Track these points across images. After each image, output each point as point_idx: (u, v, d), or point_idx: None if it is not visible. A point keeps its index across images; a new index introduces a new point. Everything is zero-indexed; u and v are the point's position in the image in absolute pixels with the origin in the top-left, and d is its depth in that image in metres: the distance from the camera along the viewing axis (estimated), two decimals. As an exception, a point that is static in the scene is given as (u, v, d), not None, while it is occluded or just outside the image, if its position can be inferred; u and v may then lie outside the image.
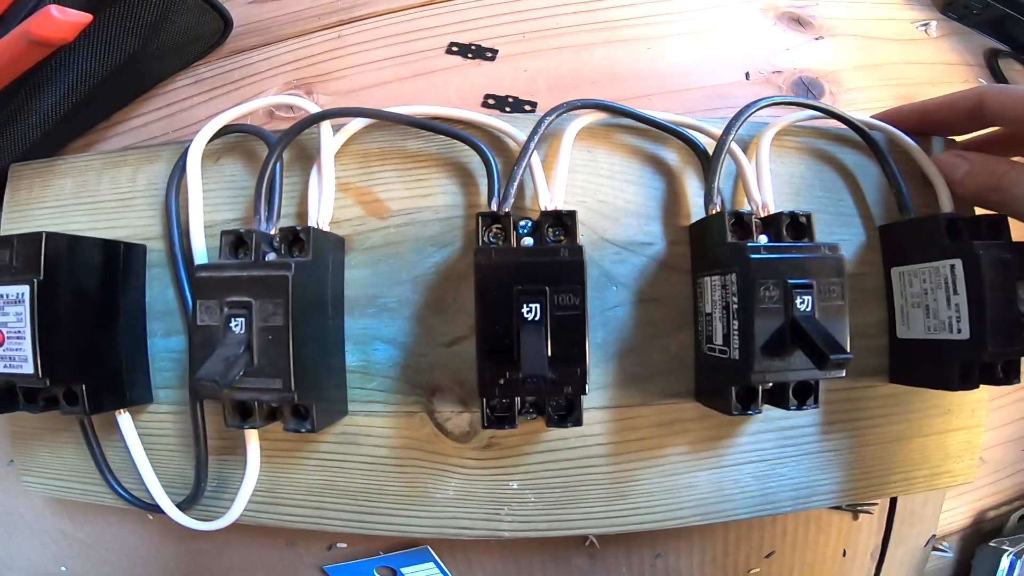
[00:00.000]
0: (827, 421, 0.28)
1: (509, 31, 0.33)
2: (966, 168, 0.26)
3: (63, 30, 0.22)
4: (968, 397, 0.29)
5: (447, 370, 0.25)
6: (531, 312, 0.20)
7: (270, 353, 0.20)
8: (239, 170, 0.27)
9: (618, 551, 0.32)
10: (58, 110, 0.29)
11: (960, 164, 0.26)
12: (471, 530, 0.27)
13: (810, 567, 0.34)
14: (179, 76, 0.33)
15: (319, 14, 0.34)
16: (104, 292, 0.25)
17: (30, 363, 0.23)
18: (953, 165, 0.27)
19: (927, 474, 0.29)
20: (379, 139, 0.27)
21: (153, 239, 0.27)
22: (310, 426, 0.23)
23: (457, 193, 0.26)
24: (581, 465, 0.26)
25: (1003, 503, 0.38)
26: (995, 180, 0.25)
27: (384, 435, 0.26)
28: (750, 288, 0.21)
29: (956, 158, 0.27)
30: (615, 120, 0.27)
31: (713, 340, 0.23)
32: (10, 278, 0.23)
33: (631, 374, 0.26)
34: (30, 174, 0.29)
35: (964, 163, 0.26)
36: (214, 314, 0.21)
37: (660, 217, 0.26)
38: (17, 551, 0.35)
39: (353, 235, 0.26)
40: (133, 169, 0.28)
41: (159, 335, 0.27)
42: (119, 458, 0.28)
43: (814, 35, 0.35)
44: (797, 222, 0.23)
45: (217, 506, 0.28)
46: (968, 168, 0.26)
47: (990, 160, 0.26)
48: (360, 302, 0.26)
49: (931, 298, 0.25)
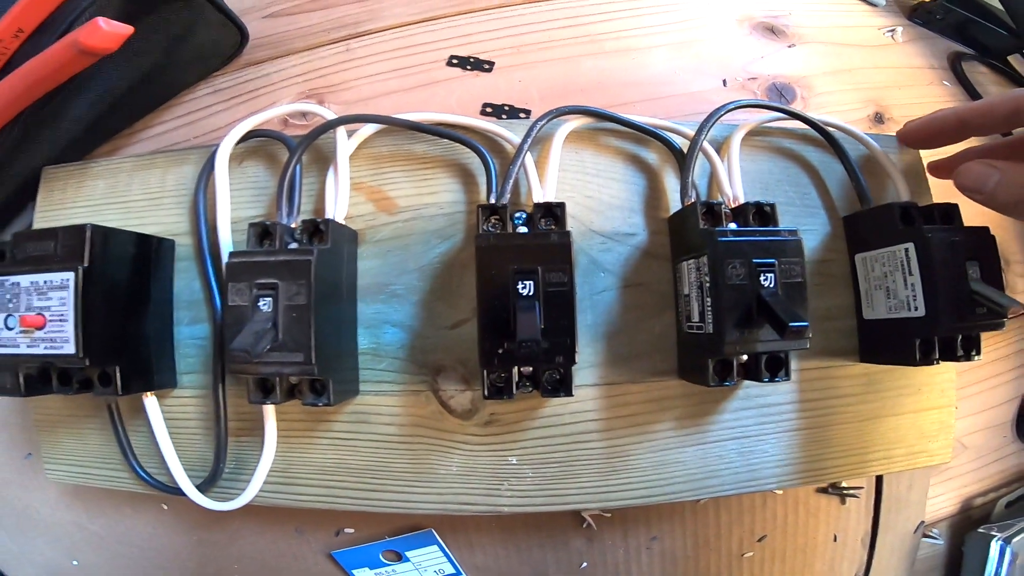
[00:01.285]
0: (803, 399, 0.31)
1: (504, 45, 0.38)
2: (997, 178, 0.26)
3: (109, 40, 0.26)
4: (936, 376, 0.33)
5: (450, 351, 0.29)
6: (525, 288, 0.24)
7: (293, 329, 0.24)
8: (261, 171, 0.31)
9: (615, 533, 0.35)
10: (88, 116, 0.33)
11: (990, 175, 0.26)
12: (473, 506, 0.30)
13: (802, 551, 0.37)
14: (199, 86, 0.37)
15: (328, 29, 0.39)
16: (137, 281, 0.29)
17: (72, 344, 0.26)
18: (982, 176, 0.26)
19: (904, 453, 0.33)
20: (388, 143, 0.31)
21: (181, 235, 0.31)
22: (327, 400, 0.26)
23: (459, 191, 0.30)
24: (575, 440, 0.30)
25: (989, 489, 0.42)
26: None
27: (392, 413, 0.30)
28: (719, 267, 0.25)
29: (986, 168, 0.26)
30: (600, 124, 0.32)
31: (691, 318, 0.27)
32: (56, 265, 0.26)
33: (619, 354, 0.30)
34: (64, 176, 0.33)
35: (994, 173, 0.26)
36: (244, 295, 0.25)
37: (642, 210, 0.31)
38: (30, 545, 0.38)
39: (365, 229, 0.30)
40: (162, 171, 0.32)
41: (185, 323, 0.31)
42: (141, 443, 0.32)
43: (787, 43, 0.40)
44: (762, 211, 0.27)
45: (234, 487, 0.31)
46: (999, 179, 0.26)
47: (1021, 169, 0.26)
48: (371, 289, 0.30)
49: (890, 280, 0.29)
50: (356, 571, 0.36)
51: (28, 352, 0.27)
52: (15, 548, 0.39)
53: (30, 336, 0.27)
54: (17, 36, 0.30)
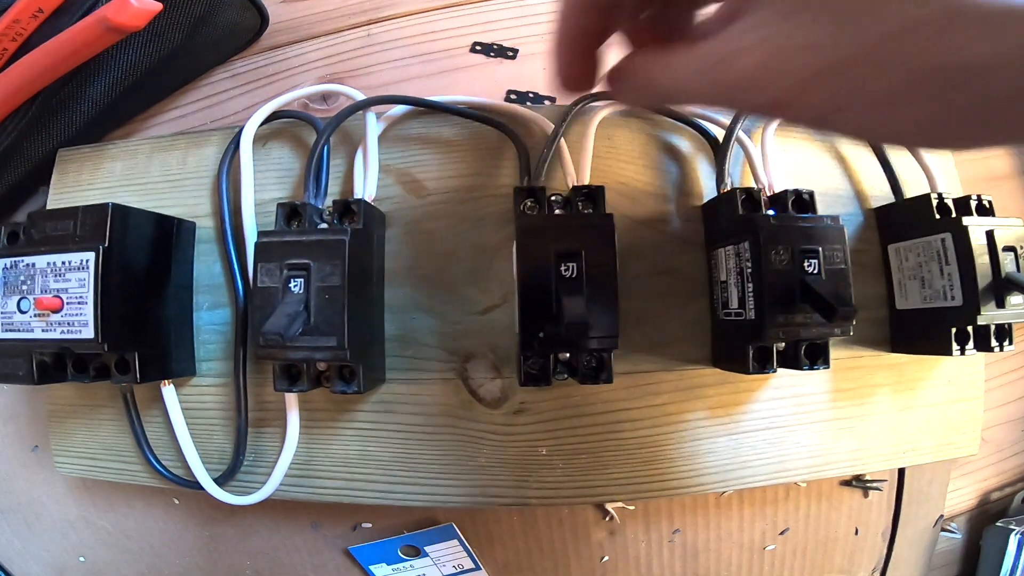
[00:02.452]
0: (836, 389, 0.31)
1: (528, 32, 0.37)
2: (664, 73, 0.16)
3: (137, 18, 0.25)
4: (965, 368, 0.32)
5: (481, 337, 0.28)
6: (568, 271, 0.23)
7: (326, 312, 0.23)
8: (285, 154, 0.30)
9: (637, 526, 0.34)
10: (106, 98, 0.32)
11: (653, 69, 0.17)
12: (500, 498, 0.29)
13: (823, 545, 0.36)
14: (216, 70, 0.36)
15: (349, 13, 0.38)
16: (158, 264, 0.28)
17: (90, 328, 0.25)
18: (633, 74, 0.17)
19: (934, 444, 0.33)
20: (417, 126, 0.30)
21: (201, 217, 0.30)
22: (357, 387, 0.25)
23: (489, 175, 0.30)
24: (607, 431, 0.29)
25: (1007, 484, 0.41)
26: None
27: (420, 402, 0.29)
28: (764, 253, 0.24)
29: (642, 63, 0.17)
30: (633, 111, 0.31)
31: (729, 305, 0.27)
32: (74, 245, 0.25)
33: (651, 341, 0.29)
34: (79, 158, 0.32)
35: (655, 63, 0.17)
36: (274, 276, 0.24)
37: (675, 198, 0.30)
38: (35, 541, 0.37)
39: (393, 212, 0.29)
40: (183, 153, 0.31)
41: (205, 308, 0.29)
42: (156, 434, 0.30)
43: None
44: (801, 198, 0.27)
45: (253, 481, 0.30)
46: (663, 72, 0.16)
47: None
48: (400, 273, 0.29)
49: (925, 270, 0.29)
50: (373, 567, 0.35)
51: (43, 337, 0.26)
52: (20, 544, 0.37)
53: (46, 320, 0.26)
54: (36, 16, 0.29)
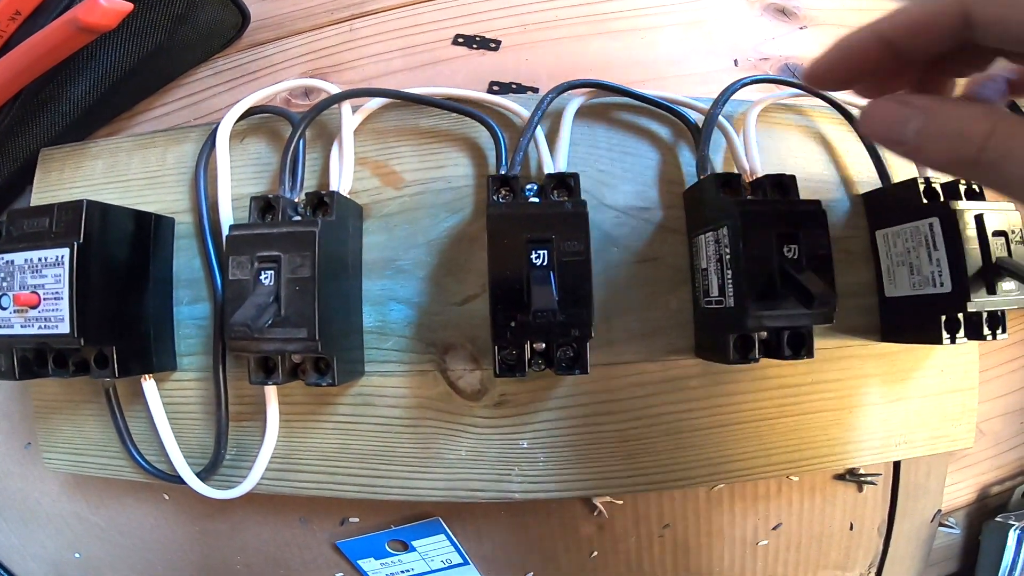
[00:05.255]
0: (824, 380, 0.30)
1: (511, 23, 0.36)
2: (919, 124, 0.17)
3: (108, 17, 0.25)
4: (958, 357, 0.31)
5: (459, 328, 0.28)
6: (539, 258, 0.22)
7: (297, 303, 0.23)
8: (263, 148, 0.30)
9: (626, 521, 0.33)
10: (88, 98, 0.32)
11: (908, 118, 0.17)
12: (482, 492, 0.29)
13: (817, 540, 0.35)
14: (199, 68, 0.36)
15: (331, 9, 0.37)
16: (135, 259, 0.27)
17: (66, 323, 0.25)
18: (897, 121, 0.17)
19: (927, 437, 0.31)
20: (394, 118, 0.30)
21: (181, 212, 0.30)
22: (331, 380, 0.25)
23: (468, 165, 0.29)
24: (589, 423, 0.28)
25: (1006, 478, 0.40)
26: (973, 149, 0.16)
27: (399, 395, 0.28)
28: (741, 237, 0.23)
29: (900, 108, 0.17)
30: (612, 99, 0.30)
31: (710, 293, 0.26)
32: (50, 242, 0.25)
33: (634, 331, 0.28)
34: (61, 157, 0.32)
35: (916, 115, 0.17)
36: (245, 269, 0.23)
37: (656, 184, 0.29)
38: (32, 538, 0.37)
39: (371, 204, 0.29)
40: (162, 150, 0.31)
41: (185, 303, 0.29)
42: (139, 430, 0.30)
43: (798, 24, 0.39)
44: (781, 183, 0.26)
45: (235, 475, 0.30)
46: (923, 124, 0.17)
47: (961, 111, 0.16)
48: (377, 265, 0.28)
49: (914, 256, 0.28)
50: (361, 561, 0.34)
51: (22, 333, 0.26)
52: (16, 541, 0.37)
53: (24, 316, 0.26)
54: (14, 19, 0.29)
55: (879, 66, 0.19)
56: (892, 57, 0.18)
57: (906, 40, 0.18)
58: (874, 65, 0.19)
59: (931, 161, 0.18)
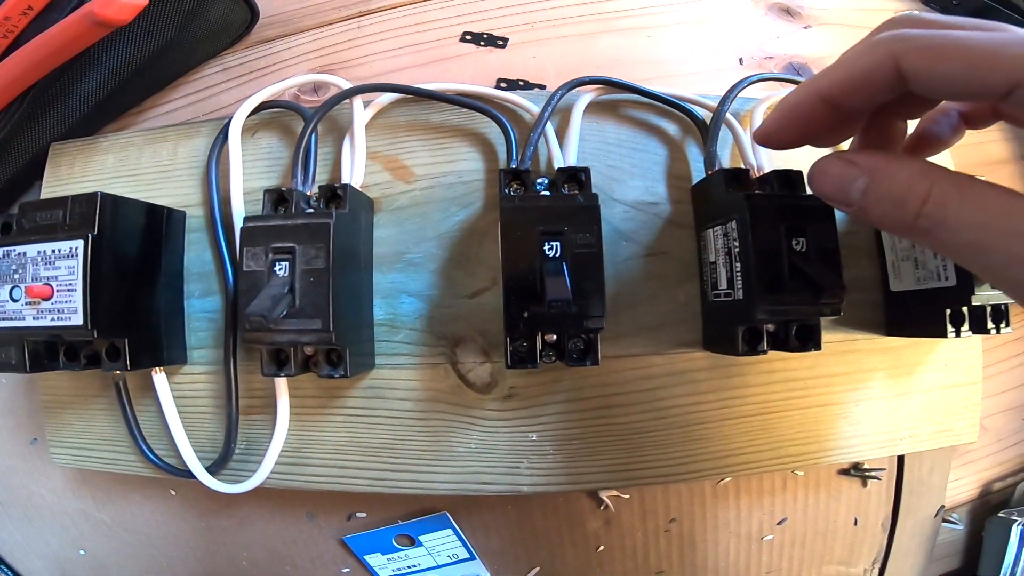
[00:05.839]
0: (830, 373, 0.30)
1: (518, 21, 0.37)
2: (863, 184, 0.17)
3: (124, 12, 0.25)
4: (962, 352, 0.32)
5: (470, 321, 0.28)
6: (552, 250, 0.22)
7: (311, 294, 0.23)
8: (274, 143, 0.30)
9: (632, 516, 0.34)
10: (98, 93, 0.32)
11: (854, 177, 0.17)
12: (492, 485, 0.29)
13: (822, 535, 0.35)
14: (208, 64, 0.36)
15: (339, 6, 0.38)
16: (148, 252, 0.28)
17: (80, 315, 0.25)
18: (843, 178, 0.17)
19: (932, 431, 0.32)
20: (404, 113, 0.30)
21: (192, 206, 0.30)
22: (343, 371, 0.25)
23: (478, 159, 0.29)
24: (598, 416, 0.29)
25: (1008, 474, 0.40)
26: (910, 216, 0.16)
27: (409, 387, 0.28)
28: (750, 230, 0.23)
29: (846, 167, 0.17)
30: (621, 96, 0.31)
31: (718, 286, 0.26)
32: (64, 234, 0.25)
33: (643, 324, 0.28)
34: (71, 151, 0.32)
35: (860, 176, 0.17)
36: (259, 260, 0.23)
37: (664, 180, 0.30)
38: (37, 535, 0.37)
39: (382, 197, 0.29)
40: (174, 144, 0.31)
41: (196, 296, 0.29)
42: (149, 424, 0.30)
43: (803, 24, 0.39)
44: (788, 177, 0.26)
45: (245, 469, 0.30)
46: (866, 186, 0.17)
47: (902, 172, 0.16)
48: (388, 258, 0.28)
49: (919, 250, 0.28)
50: (368, 557, 0.34)
51: (35, 324, 0.26)
52: (21, 538, 0.37)
53: (36, 308, 0.26)
54: (26, 14, 0.29)
55: (824, 123, 0.19)
56: (835, 113, 0.18)
57: (845, 97, 0.17)
58: (819, 123, 0.19)
59: (876, 224, 0.18)
